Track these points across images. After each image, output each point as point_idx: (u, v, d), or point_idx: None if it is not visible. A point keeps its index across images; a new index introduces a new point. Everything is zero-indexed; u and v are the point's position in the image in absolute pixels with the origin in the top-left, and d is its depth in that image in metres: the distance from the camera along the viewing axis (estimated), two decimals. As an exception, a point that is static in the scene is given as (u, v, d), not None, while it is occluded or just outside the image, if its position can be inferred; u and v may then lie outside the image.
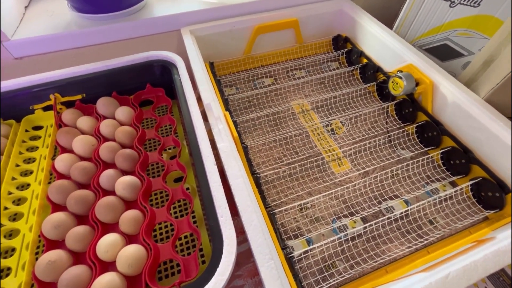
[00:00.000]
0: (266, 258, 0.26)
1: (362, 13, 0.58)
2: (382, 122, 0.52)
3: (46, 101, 0.46)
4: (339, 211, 0.41)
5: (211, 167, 0.32)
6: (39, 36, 0.49)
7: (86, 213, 0.35)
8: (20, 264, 0.32)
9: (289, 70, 0.63)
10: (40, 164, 0.41)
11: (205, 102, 0.40)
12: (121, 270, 0.29)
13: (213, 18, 0.56)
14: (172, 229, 0.37)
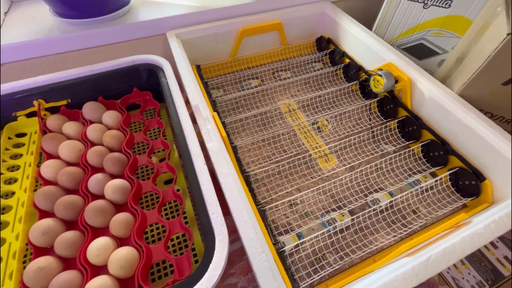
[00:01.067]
0: (258, 252, 0.26)
1: (343, 15, 0.61)
2: (365, 119, 0.54)
3: (30, 107, 0.45)
4: (328, 205, 0.42)
5: (201, 166, 0.33)
6: (21, 42, 0.48)
7: (75, 218, 0.35)
8: (7, 273, 0.31)
9: (275, 71, 0.65)
10: (25, 171, 0.40)
11: (193, 103, 0.40)
12: (113, 272, 0.29)
13: (198, 21, 0.57)
14: (164, 230, 0.37)
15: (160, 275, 0.34)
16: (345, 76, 0.61)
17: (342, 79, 0.62)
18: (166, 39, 0.58)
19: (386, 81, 0.47)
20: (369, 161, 0.48)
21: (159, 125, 0.46)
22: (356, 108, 0.55)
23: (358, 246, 0.38)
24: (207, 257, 0.27)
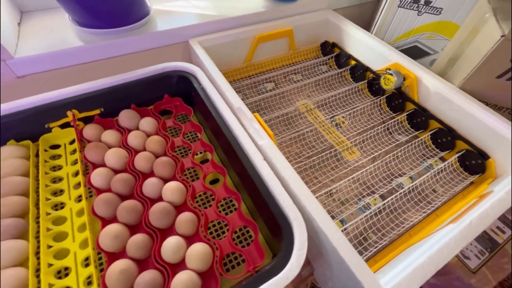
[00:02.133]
0: (334, 230, 0.30)
1: (347, 22, 0.67)
2: (376, 114, 0.60)
3: (63, 118, 0.44)
4: (361, 192, 0.47)
5: (261, 162, 0.35)
6: (43, 53, 0.47)
7: (136, 222, 0.36)
8: (80, 281, 0.31)
9: (287, 74, 0.69)
10: (70, 182, 0.40)
11: (236, 106, 0.43)
12: (193, 267, 0.31)
13: (216, 30, 0.60)
14: (221, 227, 0.39)
15: (228, 268, 0.35)
16: (352, 77, 0.67)
17: (349, 79, 0.68)
18: (185, 47, 0.60)
19: (396, 79, 0.53)
20: (387, 151, 0.53)
21: (196, 129, 0.48)
22: (367, 105, 0.61)
23: (395, 223, 0.42)
24: (288, 241, 0.29)
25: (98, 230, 0.34)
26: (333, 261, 0.31)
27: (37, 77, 0.50)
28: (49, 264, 0.31)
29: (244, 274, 0.31)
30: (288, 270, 0.27)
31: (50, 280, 0.30)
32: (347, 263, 0.27)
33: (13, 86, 0.48)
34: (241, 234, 0.39)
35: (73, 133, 0.45)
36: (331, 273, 0.33)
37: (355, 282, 0.27)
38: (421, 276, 0.27)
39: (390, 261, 0.35)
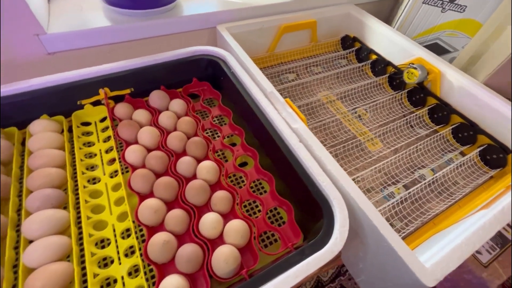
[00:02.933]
0: (373, 209, 0.30)
1: (369, 16, 0.67)
2: (397, 108, 0.61)
3: (94, 96, 0.44)
4: (385, 181, 0.48)
5: (296, 144, 0.36)
6: (74, 31, 0.47)
7: (172, 198, 0.36)
8: (120, 251, 0.31)
9: (307, 66, 0.69)
10: (103, 158, 0.40)
11: (268, 90, 0.43)
12: (233, 242, 0.31)
13: (242, 17, 0.60)
14: (252, 207, 0.40)
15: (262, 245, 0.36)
16: (372, 71, 0.68)
17: (369, 74, 0.68)
18: (211, 33, 0.60)
19: (420, 73, 0.54)
20: (409, 144, 0.54)
21: (225, 112, 0.48)
22: (388, 99, 0.62)
23: (420, 211, 0.43)
24: (329, 219, 0.30)
25: (134, 204, 0.35)
26: (370, 240, 0.31)
27: (66, 54, 0.50)
28: (90, 234, 0.32)
29: (282, 251, 0.32)
30: (333, 245, 0.27)
31: (92, 249, 0.31)
32: (388, 240, 0.28)
33: (43, 62, 0.48)
34: (272, 215, 0.39)
35: (103, 111, 0.45)
36: (365, 253, 0.33)
37: (395, 259, 0.28)
38: (460, 255, 0.28)
39: (420, 245, 0.36)
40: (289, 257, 0.27)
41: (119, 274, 0.30)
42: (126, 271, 0.30)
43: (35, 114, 0.42)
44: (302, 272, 0.25)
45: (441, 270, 0.27)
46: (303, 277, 0.25)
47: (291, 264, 0.26)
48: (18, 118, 0.41)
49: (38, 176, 0.34)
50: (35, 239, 0.29)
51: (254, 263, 0.31)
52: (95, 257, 0.30)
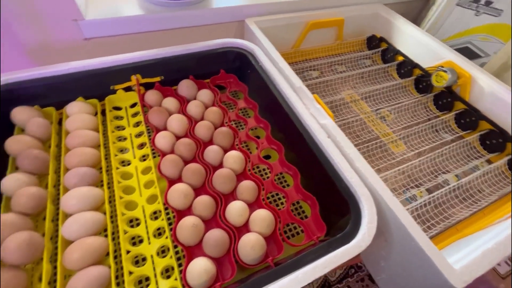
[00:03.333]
0: (401, 208, 0.30)
1: (398, 17, 0.66)
2: (422, 111, 0.60)
3: (126, 82, 0.46)
4: (407, 183, 0.47)
5: (325, 139, 0.36)
6: (110, 18, 0.49)
7: (200, 184, 0.37)
8: (149, 232, 0.32)
9: (331, 64, 0.69)
10: (133, 142, 0.41)
11: (296, 85, 0.44)
12: (259, 230, 0.32)
13: (270, 12, 0.60)
14: (274, 200, 0.40)
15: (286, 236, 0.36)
16: (398, 73, 0.67)
17: (393, 75, 0.67)
18: (238, 26, 0.60)
19: (450, 76, 0.53)
20: (432, 148, 0.53)
21: (251, 105, 0.49)
22: (412, 102, 0.61)
23: (444, 215, 0.43)
24: (356, 215, 0.30)
25: (162, 188, 0.36)
26: (395, 239, 0.31)
27: (101, 41, 0.51)
28: (122, 213, 0.33)
29: (306, 243, 0.33)
30: (361, 240, 0.28)
31: (125, 227, 0.32)
32: (416, 239, 0.28)
33: (79, 47, 0.50)
34: (294, 209, 0.40)
35: (133, 97, 0.47)
36: (389, 252, 0.33)
37: (422, 258, 0.28)
38: (491, 259, 0.27)
39: (443, 249, 0.36)
40: (317, 248, 0.27)
41: (149, 253, 0.31)
42: (155, 250, 0.31)
43: (71, 96, 0.43)
44: (330, 263, 0.26)
45: (470, 273, 0.26)
46: (331, 268, 0.26)
47: (319, 255, 0.27)
48: (55, 99, 0.43)
49: (75, 154, 0.36)
50: (72, 213, 0.31)
51: (278, 252, 0.31)
52: (127, 235, 0.31)
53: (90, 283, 0.26)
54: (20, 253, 0.26)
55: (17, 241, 0.27)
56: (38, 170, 0.34)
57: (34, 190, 0.31)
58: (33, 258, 0.28)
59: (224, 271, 0.31)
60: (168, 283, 0.29)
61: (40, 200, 0.31)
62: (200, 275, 0.27)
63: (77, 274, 0.27)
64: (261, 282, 0.25)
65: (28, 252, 0.27)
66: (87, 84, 0.44)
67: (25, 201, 0.30)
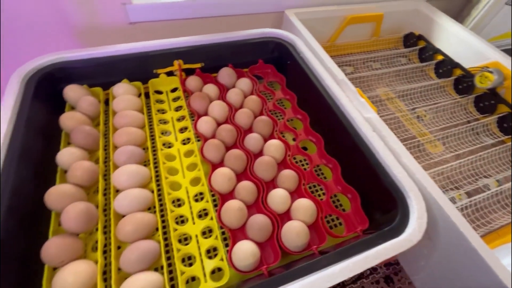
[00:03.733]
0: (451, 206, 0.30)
1: (440, 14, 0.64)
2: (460, 113, 0.58)
3: (169, 66, 0.47)
4: (446, 185, 0.46)
5: (370, 133, 0.36)
6: (156, 3, 0.50)
7: (241, 170, 0.37)
8: (194, 212, 0.33)
9: (366, 61, 0.68)
10: (175, 125, 0.42)
11: (339, 77, 0.43)
12: (302, 219, 0.32)
13: (311, 4, 0.59)
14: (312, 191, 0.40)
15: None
16: (436, 72, 0.65)
17: (430, 75, 0.65)
18: (277, 17, 0.60)
19: (497, 77, 0.51)
20: (472, 151, 0.51)
21: (289, 96, 0.48)
22: (451, 103, 0.59)
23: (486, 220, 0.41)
24: (403, 210, 0.30)
25: (206, 171, 0.36)
26: (442, 238, 0.31)
27: (144, 26, 0.52)
28: (168, 192, 0.34)
29: (348, 234, 0.32)
30: (411, 235, 0.27)
31: (171, 207, 0.33)
32: (469, 239, 0.27)
33: (123, 31, 0.51)
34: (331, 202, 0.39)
35: (174, 82, 0.48)
36: (432, 251, 0.33)
37: (474, 259, 0.27)
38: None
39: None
40: (366, 239, 0.27)
41: (193, 233, 0.32)
42: (200, 230, 0.32)
43: (117, 78, 0.44)
44: (381, 255, 0.26)
45: (525, 277, 0.26)
46: (382, 259, 0.25)
47: (369, 246, 0.26)
48: (102, 79, 0.44)
49: (123, 133, 0.37)
50: (122, 189, 0.32)
51: (321, 241, 0.31)
52: (173, 214, 0.32)
53: (143, 255, 0.27)
54: (78, 222, 0.28)
55: (76, 210, 0.28)
56: (89, 146, 0.36)
57: (88, 164, 0.33)
58: (89, 228, 0.29)
59: (267, 255, 0.31)
60: (213, 262, 0.30)
61: (93, 173, 0.33)
62: (246, 257, 0.28)
63: (131, 246, 0.28)
64: (312, 268, 0.25)
65: (85, 221, 0.28)
66: (132, 67, 0.45)
67: (81, 174, 0.31)
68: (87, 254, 0.29)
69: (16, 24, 0.45)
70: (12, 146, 0.31)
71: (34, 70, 0.39)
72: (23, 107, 0.35)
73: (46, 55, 0.41)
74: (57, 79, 0.42)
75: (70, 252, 0.27)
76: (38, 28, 0.46)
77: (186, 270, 0.29)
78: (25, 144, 0.33)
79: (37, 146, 0.35)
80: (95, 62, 0.43)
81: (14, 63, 0.38)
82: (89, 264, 0.27)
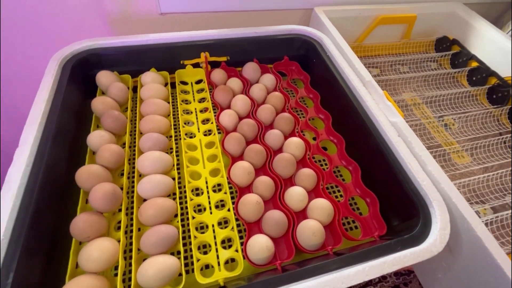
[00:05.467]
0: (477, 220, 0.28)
1: (479, 18, 0.61)
2: (492, 124, 0.55)
3: (195, 58, 0.47)
4: (470, 198, 0.44)
5: (395, 138, 0.35)
6: (184, -5, 0.51)
7: (261, 165, 0.38)
8: (212, 203, 0.34)
9: (393, 64, 0.65)
10: (198, 117, 0.43)
11: (366, 79, 0.42)
12: (318, 218, 0.32)
13: (341, 2, 0.58)
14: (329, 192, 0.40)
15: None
16: (469, 79, 0.61)
17: (461, 82, 0.62)
18: (305, 14, 0.59)
19: (536, 89, 0.48)
20: (502, 165, 0.49)
21: (312, 95, 0.48)
22: (482, 112, 0.56)
23: (509, 237, 0.39)
24: (425, 220, 0.29)
25: (225, 163, 0.37)
26: (465, 252, 0.30)
27: (174, 17, 0.53)
28: (188, 181, 0.35)
29: (365, 238, 0.32)
30: (432, 245, 0.26)
31: (190, 195, 0.34)
32: (494, 256, 0.26)
33: (154, 21, 0.52)
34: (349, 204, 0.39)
35: (199, 73, 0.48)
36: (452, 264, 0.32)
37: (498, 277, 0.26)
38: None
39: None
40: (384, 244, 0.27)
41: (210, 222, 0.32)
42: (216, 221, 0.32)
43: (145, 66, 0.46)
44: (399, 262, 0.25)
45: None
46: (399, 267, 0.25)
47: (387, 252, 0.26)
48: (131, 67, 0.45)
49: (149, 120, 0.38)
50: (146, 174, 0.33)
51: (336, 243, 0.31)
52: (192, 202, 0.33)
53: (162, 239, 0.28)
54: (105, 201, 0.29)
55: (104, 190, 0.29)
56: (117, 130, 0.37)
57: (115, 147, 0.34)
58: (114, 208, 0.30)
59: (281, 251, 0.31)
60: (228, 253, 0.30)
61: (120, 157, 0.34)
62: (262, 250, 0.28)
63: (151, 229, 0.29)
64: (327, 267, 0.25)
65: (111, 201, 0.30)
66: (160, 57, 0.46)
67: (109, 156, 0.33)
68: (110, 232, 0.31)
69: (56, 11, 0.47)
70: (48, 125, 0.33)
71: (70, 55, 0.41)
72: (59, 90, 0.37)
73: (81, 41, 0.43)
74: (91, 65, 0.44)
75: (96, 228, 0.28)
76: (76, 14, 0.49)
77: (201, 257, 0.30)
78: (59, 124, 0.34)
79: (70, 126, 0.37)
80: (126, 50, 0.44)
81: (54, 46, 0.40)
82: (112, 242, 0.28)
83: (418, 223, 0.29)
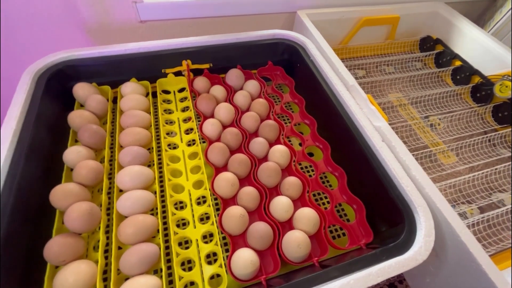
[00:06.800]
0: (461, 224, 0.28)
1: (461, 17, 0.61)
2: (477, 122, 0.56)
3: (177, 66, 0.46)
4: (456, 198, 0.44)
5: (379, 143, 0.34)
6: (166, 2, 0.49)
7: (245, 175, 0.37)
8: (195, 216, 0.33)
9: (378, 64, 0.66)
10: (181, 127, 0.42)
11: (350, 83, 0.42)
12: (304, 228, 0.32)
13: (324, 5, 0.58)
14: (316, 199, 0.39)
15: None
16: (453, 79, 0.62)
17: (446, 81, 0.63)
18: (288, 18, 0.59)
19: (518, 87, 0.48)
20: (488, 164, 0.49)
21: (298, 100, 0.47)
22: (467, 112, 0.56)
23: (498, 237, 0.40)
24: (410, 225, 0.29)
25: (209, 174, 0.36)
26: (450, 257, 0.30)
27: (154, 24, 0.52)
28: (170, 195, 0.34)
29: (352, 247, 0.32)
30: (417, 253, 0.26)
31: (172, 209, 0.33)
32: (478, 260, 0.26)
33: (134, 29, 0.51)
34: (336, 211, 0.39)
35: (182, 82, 0.47)
36: (439, 269, 0.32)
37: (482, 281, 0.26)
38: None
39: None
40: (369, 254, 0.27)
41: (194, 237, 0.31)
42: (200, 235, 0.32)
43: (125, 76, 0.45)
44: (384, 273, 0.25)
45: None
46: (384, 278, 0.25)
47: (372, 262, 0.26)
48: (111, 77, 0.44)
49: (129, 133, 0.37)
50: (126, 190, 0.32)
51: (322, 253, 0.31)
52: (175, 217, 0.32)
53: (144, 258, 0.27)
54: (81, 222, 0.28)
55: (79, 210, 0.28)
56: (96, 145, 0.36)
57: (93, 163, 0.33)
58: (91, 228, 0.29)
59: (266, 264, 0.30)
60: (212, 268, 0.29)
61: (98, 173, 0.33)
62: (246, 265, 0.28)
63: (131, 248, 0.28)
64: (311, 282, 0.24)
65: (88, 222, 0.28)
66: (141, 66, 0.45)
67: (86, 173, 0.32)
68: (89, 253, 0.30)
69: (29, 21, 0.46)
70: (21, 142, 0.32)
71: (45, 68, 0.40)
72: (33, 105, 0.36)
73: (57, 52, 0.41)
74: (67, 77, 0.42)
75: (72, 251, 0.27)
76: (51, 25, 0.47)
77: (184, 275, 0.29)
78: (33, 141, 0.33)
79: (46, 142, 0.36)
80: (104, 60, 0.43)
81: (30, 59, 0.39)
82: (89, 264, 0.27)
83: (403, 230, 0.29)
